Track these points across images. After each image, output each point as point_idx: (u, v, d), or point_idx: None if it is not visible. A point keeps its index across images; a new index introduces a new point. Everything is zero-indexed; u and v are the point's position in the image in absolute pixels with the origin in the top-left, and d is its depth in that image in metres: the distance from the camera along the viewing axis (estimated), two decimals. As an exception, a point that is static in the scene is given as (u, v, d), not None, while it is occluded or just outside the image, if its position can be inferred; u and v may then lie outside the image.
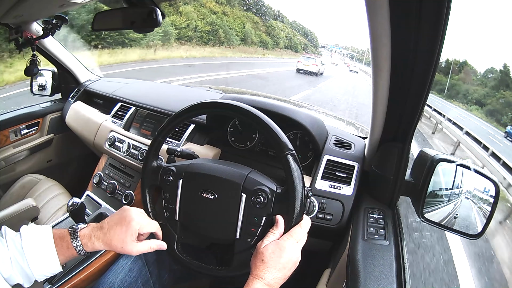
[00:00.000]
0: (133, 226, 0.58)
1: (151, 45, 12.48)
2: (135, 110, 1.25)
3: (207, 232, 0.68)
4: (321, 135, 0.95)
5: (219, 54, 18.30)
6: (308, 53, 26.54)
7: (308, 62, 16.57)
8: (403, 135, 0.68)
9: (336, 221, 0.82)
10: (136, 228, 0.58)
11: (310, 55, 20.18)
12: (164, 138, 0.72)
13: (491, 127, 17.36)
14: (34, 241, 0.55)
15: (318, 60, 18.59)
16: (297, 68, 16.27)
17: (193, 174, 0.68)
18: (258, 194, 0.62)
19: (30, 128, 1.46)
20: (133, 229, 0.58)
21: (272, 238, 0.57)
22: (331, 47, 48.61)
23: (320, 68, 16.98)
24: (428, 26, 0.44)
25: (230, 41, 20.93)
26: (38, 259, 0.54)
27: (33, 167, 1.49)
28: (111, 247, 0.58)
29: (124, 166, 1.16)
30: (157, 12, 0.71)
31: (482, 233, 0.63)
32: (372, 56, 0.53)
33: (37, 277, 0.54)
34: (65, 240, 0.56)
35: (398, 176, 0.71)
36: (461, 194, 0.67)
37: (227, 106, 0.65)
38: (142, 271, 0.78)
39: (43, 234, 0.56)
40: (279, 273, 0.54)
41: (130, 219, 0.58)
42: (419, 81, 0.54)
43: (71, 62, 1.51)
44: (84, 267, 0.86)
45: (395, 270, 0.57)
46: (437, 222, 0.68)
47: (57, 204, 1.19)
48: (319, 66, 16.94)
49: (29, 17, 1.08)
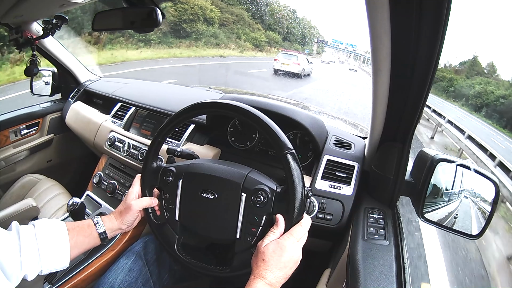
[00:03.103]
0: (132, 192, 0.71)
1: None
2: (135, 110, 1.25)
3: (207, 232, 0.68)
4: (321, 135, 0.94)
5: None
6: (288, 49, 20.29)
7: (287, 60, 12.86)
8: (403, 135, 0.68)
9: (336, 221, 0.82)
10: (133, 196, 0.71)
11: (290, 51, 15.16)
12: (164, 138, 0.72)
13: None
14: (49, 232, 0.58)
15: (302, 57, 14.12)
16: (273, 68, 12.89)
17: (193, 174, 0.68)
18: (258, 193, 0.62)
19: (30, 128, 1.46)
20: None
21: (272, 237, 0.57)
22: (339, 43, 38.19)
23: (304, 68, 13.20)
24: (429, 26, 0.44)
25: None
26: (51, 250, 0.57)
27: (33, 167, 1.50)
28: (120, 213, 0.69)
29: (124, 166, 1.16)
30: (157, 12, 0.71)
31: (482, 233, 0.63)
32: (372, 56, 0.53)
33: (44, 269, 0.56)
34: (90, 226, 0.65)
35: (398, 176, 0.71)
36: (461, 194, 0.67)
37: (226, 106, 0.65)
38: (142, 271, 0.78)
39: (57, 226, 0.60)
40: (280, 272, 0.54)
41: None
42: (419, 81, 0.54)
43: (71, 62, 1.52)
44: (84, 267, 0.86)
45: (395, 270, 0.57)
46: (437, 222, 0.68)
47: (57, 204, 1.19)
48: (303, 65, 13.18)
49: (29, 17, 1.08)
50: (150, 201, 0.70)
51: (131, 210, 0.68)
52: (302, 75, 13.12)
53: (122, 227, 0.69)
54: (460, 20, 67.01)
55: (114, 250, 0.90)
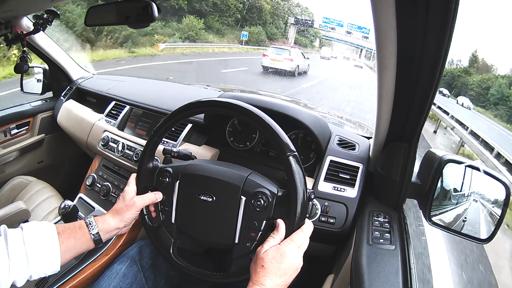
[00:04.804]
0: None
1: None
2: (129, 109, 1.26)
3: (205, 236, 0.68)
4: (324, 135, 0.95)
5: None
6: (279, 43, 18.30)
7: (278, 56, 11.59)
8: (409, 135, 0.68)
9: (340, 224, 0.82)
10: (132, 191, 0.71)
11: (282, 45, 14.02)
12: (160, 138, 0.72)
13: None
14: (37, 235, 0.58)
15: (296, 52, 12.75)
16: (262, 65, 11.74)
17: (190, 175, 0.68)
18: (258, 197, 0.62)
19: (20, 128, 1.46)
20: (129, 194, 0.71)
21: (272, 243, 0.58)
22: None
23: (298, 65, 11.96)
24: (436, 20, 0.44)
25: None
26: (39, 255, 0.56)
27: (23, 168, 1.50)
28: (118, 211, 0.69)
29: (119, 168, 1.16)
30: (153, 7, 0.71)
31: (491, 238, 0.63)
32: (377, 52, 0.53)
33: (34, 274, 0.56)
34: (82, 227, 0.64)
35: (404, 177, 0.71)
36: (470, 196, 0.67)
37: (225, 105, 0.65)
38: (137, 276, 0.78)
39: (46, 229, 0.59)
40: (280, 279, 0.55)
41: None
42: (426, 78, 0.54)
43: (63, 59, 1.52)
44: (77, 272, 0.86)
45: (401, 276, 0.57)
46: (445, 225, 0.68)
47: (49, 207, 1.19)
48: (296, 61, 11.86)
49: (19, 12, 1.08)
50: (154, 196, 0.70)
51: (133, 207, 0.68)
52: (296, 73, 11.89)
53: (120, 225, 0.69)
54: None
55: (108, 255, 0.90)
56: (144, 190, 0.72)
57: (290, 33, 28.24)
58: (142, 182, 0.72)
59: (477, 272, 2.54)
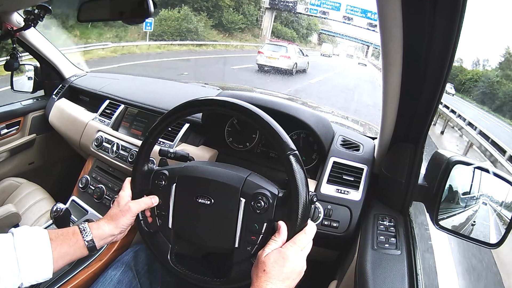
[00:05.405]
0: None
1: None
2: (124, 108, 1.25)
3: (203, 240, 0.67)
4: (327, 135, 0.94)
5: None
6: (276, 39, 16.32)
7: (274, 53, 11.06)
8: (415, 135, 0.67)
9: (343, 228, 0.81)
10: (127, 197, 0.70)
11: (278, 42, 13.50)
12: (156, 139, 0.71)
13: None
14: (29, 241, 0.57)
15: (294, 49, 12.15)
16: (257, 63, 11.20)
17: (187, 177, 0.67)
18: (258, 198, 0.61)
19: (10, 128, 1.45)
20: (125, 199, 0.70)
21: (274, 246, 0.57)
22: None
23: (296, 62, 11.43)
24: (444, 16, 0.44)
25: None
26: (31, 262, 0.56)
27: (13, 170, 1.48)
28: (113, 217, 0.67)
29: (113, 169, 1.15)
30: (149, 1, 0.70)
31: (502, 242, 0.63)
32: (383, 50, 0.53)
33: (25, 282, 0.55)
34: (75, 234, 0.63)
35: (410, 179, 0.71)
36: (479, 199, 0.66)
37: (224, 104, 0.64)
38: (132, 283, 0.78)
39: (38, 235, 0.59)
40: (282, 284, 0.54)
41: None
42: (433, 77, 0.54)
43: (55, 56, 1.51)
44: (69, 279, 0.85)
45: (407, 282, 0.57)
46: (453, 230, 0.67)
47: (40, 210, 1.18)
48: (294, 58, 11.32)
49: (9, 7, 1.07)
50: (150, 200, 0.69)
51: (128, 213, 0.67)
52: (294, 71, 11.32)
53: (115, 232, 0.67)
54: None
55: (102, 261, 0.89)
56: (139, 194, 0.71)
57: (264, 22, 20.82)
58: (137, 186, 0.71)
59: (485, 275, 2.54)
